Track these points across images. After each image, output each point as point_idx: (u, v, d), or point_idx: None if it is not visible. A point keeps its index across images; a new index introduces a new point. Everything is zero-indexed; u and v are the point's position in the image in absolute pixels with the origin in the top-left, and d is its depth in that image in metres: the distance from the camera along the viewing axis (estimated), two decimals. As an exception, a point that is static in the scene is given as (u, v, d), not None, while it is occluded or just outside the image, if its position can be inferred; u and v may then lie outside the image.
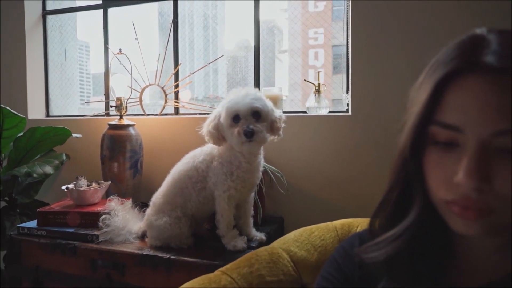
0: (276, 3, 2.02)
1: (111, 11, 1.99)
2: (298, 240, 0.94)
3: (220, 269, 0.87)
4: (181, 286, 0.82)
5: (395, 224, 0.52)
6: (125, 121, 1.63)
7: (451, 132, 0.43)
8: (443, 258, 0.52)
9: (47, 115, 2.15)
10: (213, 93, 2.59)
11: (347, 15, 1.58)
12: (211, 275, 0.85)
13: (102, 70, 2.02)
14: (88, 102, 2.24)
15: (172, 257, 1.10)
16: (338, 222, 0.98)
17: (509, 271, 0.45)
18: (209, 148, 1.19)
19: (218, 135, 1.11)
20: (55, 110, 2.18)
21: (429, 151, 0.46)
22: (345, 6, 1.62)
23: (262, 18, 1.79)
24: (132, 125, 1.64)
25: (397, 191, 0.52)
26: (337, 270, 0.62)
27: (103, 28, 1.98)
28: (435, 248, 0.51)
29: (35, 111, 2.07)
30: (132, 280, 1.15)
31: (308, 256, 0.90)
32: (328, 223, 0.98)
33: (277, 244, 0.94)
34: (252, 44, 1.77)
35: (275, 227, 1.41)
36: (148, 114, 1.85)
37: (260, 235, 1.23)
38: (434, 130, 0.45)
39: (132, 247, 1.19)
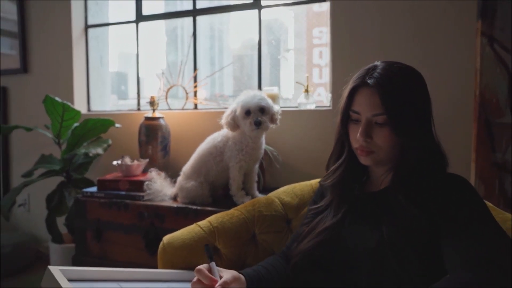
0: (281, 2, 2.13)
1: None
2: (285, 191, 1.39)
3: (233, 208, 1.33)
4: (208, 218, 1.28)
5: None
6: (157, 114, 2.09)
7: (357, 115, 0.88)
8: (364, 179, 0.98)
9: (88, 110, 2.62)
10: (218, 91, 3.00)
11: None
12: (227, 211, 1.31)
13: (117, 69, 2.42)
14: (123, 99, 2.70)
15: (198, 208, 1.56)
16: (313, 181, 1.42)
17: (387, 184, 0.90)
18: (225, 131, 1.65)
19: (234, 124, 1.56)
20: (93, 106, 2.65)
21: (350, 124, 0.92)
22: (328, 8, 1.98)
23: (268, 17, 1.94)
24: (162, 117, 2.10)
25: (338, 145, 0.98)
26: (311, 204, 1.08)
27: (136, 40, 2.44)
28: (359, 174, 0.97)
29: (79, 107, 2.53)
30: (170, 226, 1.61)
31: (291, 201, 1.35)
32: (307, 181, 1.43)
33: (271, 194, 1.39)
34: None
35: (273, 194, 1.86)
36: (173, 109, 2.31)
37: (261, 195, 1.68)
38: (351, 113, 0.90)
39: (168, 204, 1.66)
